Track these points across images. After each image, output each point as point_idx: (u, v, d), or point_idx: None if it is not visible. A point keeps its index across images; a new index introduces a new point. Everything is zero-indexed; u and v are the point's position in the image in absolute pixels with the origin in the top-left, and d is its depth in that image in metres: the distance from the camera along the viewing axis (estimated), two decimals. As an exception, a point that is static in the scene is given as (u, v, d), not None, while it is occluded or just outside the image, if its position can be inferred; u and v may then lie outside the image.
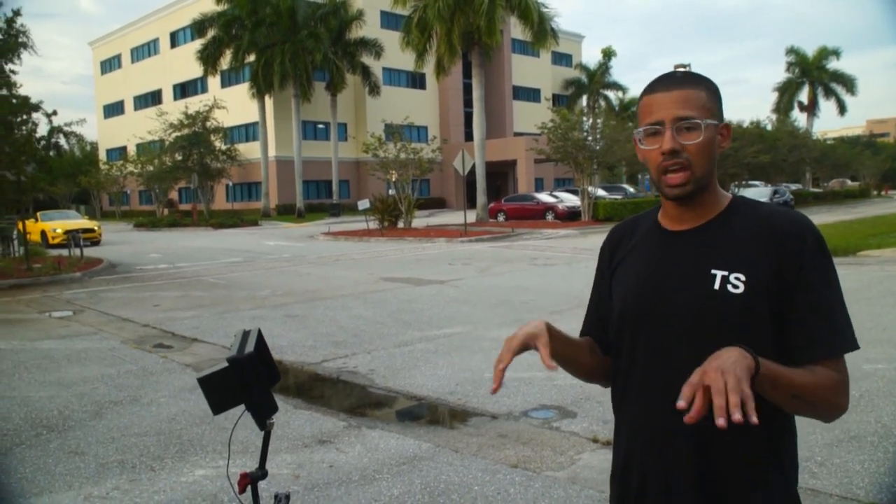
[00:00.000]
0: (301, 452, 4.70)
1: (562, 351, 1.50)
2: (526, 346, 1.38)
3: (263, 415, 1.72)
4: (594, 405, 5.41)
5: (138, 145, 51.10)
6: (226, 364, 1.66)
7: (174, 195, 52.68)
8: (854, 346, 1.39)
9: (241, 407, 1.73)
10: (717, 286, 1.40)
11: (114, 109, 64.66)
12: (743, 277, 1.38)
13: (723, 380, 1.15)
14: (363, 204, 28.62)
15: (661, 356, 1.46)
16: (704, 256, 1.43)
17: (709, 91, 1.44)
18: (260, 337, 1.76)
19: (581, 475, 4.19)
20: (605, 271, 1.66)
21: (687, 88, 1.41)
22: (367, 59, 44.95)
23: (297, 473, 4.33)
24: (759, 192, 34.03)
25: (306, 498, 3.96)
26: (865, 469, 4.09)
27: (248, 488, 1.80)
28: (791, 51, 58.94)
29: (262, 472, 1.81)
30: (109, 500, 4.03)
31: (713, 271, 1.41)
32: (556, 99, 59.58)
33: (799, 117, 58.08)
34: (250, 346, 1.67)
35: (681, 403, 1.17)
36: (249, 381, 1.66)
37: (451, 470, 4.33)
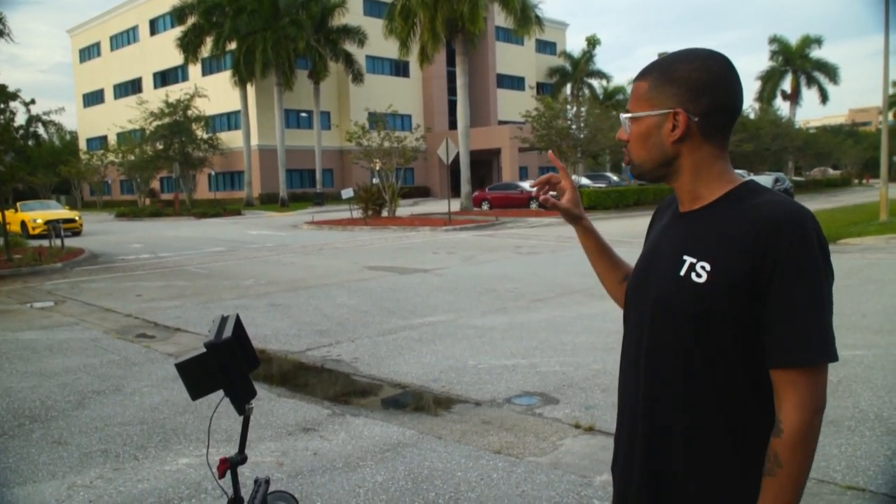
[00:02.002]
0: (285, 440, 4.70)
1: (599, 244, 1.74)
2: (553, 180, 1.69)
3: (242, 400, 1.73)
4: (577, 391, 5.44)
5: (119, 134, 50.52)
6: (203, 349, 1.65)
7: (156, 185, 52.20)
8: (824, 356, 1.26)
9: (221, 393, 1.73)
10: (682, 272, 1.37)
11: (93, 98, 63.88)
12: (708, 267, 1.33)
13: None
14: (347, 193, 28.50)
15: (634, 334, 1.50)
16: (683, 241, 1.41)
17: (654, 79, 1.41)
18: (238, 322, 1.76)
19: (563, 460, 4.22)
20: (645, 240, 1.65)
21: (637, 81, 1.46)
22: (350, 47, 44.63)
23: (281, 461, 4.33)
24: (760, 179, 34.21)
25: (290, 485, 3.96)
26: (843, 453, 4.15)
27: (228, 473, 1.81)
28: (774, 39, 59.23)
29: (241, 458, 1.81)
30: (93, 489, 4.01)
31: (684, 257, 1.39)
32: (541, 87, 59.56)
33: (782, 106, 58.59)
34: (228, 332, 1.67)
35: None
36: (227, 366, 1.65)
37: (434, 456, 4.35)
